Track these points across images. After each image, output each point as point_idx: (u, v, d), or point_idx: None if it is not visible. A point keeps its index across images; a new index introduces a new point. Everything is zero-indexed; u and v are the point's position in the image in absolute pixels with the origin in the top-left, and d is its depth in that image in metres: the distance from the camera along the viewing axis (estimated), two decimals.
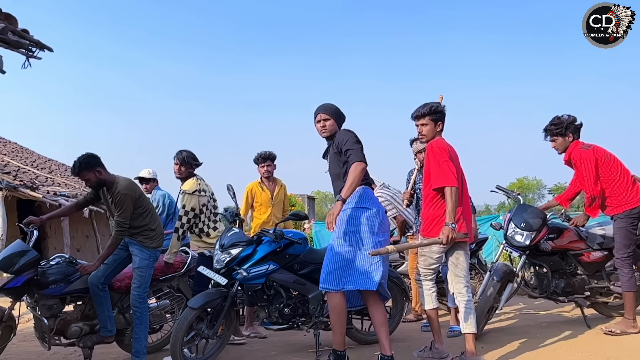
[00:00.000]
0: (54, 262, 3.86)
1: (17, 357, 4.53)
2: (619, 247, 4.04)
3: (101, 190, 3.89)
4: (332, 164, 3.51)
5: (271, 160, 5.26)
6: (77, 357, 4.52)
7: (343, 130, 3.49)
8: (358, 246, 3.32)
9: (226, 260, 3.76)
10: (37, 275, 3.69)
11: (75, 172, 3.78)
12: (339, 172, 3.45)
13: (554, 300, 4.41)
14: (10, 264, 3.58)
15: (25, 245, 3.72)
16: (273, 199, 5.26)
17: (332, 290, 3.33)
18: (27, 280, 3.62)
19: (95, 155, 3.78)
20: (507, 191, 4.76)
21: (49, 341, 3.78)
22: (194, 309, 3.65)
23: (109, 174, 3.84)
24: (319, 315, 3.88)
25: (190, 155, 4.56)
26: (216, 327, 3.80)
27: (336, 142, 3.43)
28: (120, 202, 3.72)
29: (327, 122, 3.50)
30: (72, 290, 3.85)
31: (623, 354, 3.54)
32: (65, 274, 3.80)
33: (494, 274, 4.15)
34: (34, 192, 8.11)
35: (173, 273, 4.40)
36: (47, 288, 3.73)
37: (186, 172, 4.53)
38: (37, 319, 3.81)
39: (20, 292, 3.68)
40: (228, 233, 3.93)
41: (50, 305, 3.78)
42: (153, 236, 3.92)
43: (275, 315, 3.86)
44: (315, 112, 3.56)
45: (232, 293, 3.78)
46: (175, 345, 3.60)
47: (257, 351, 4.29)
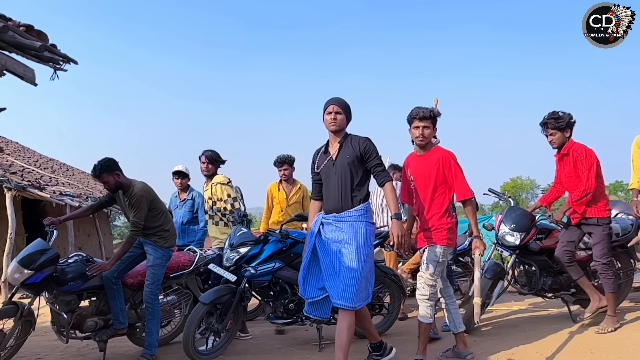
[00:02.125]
0: (72, 260, 4.09)
1: (31, 350, 4.73)
2: (604, 252, 4.14)
3: (117, 193, 4.13)
4: (343, 168, 3.28)
5: (288, 164, 5.62)
6: (90, 350, 4.75)
7: (366, 138, 3.35)
8: (368, 262, 3.22)
9: (235, 259, 4.01)
10: (56, 272, 3.92)
11: (96, 175, 3.99)
12: (352, 179, 3.27)
13: (541, 297, 4.67)
14: (31, 261, 3.80)
15: (45, 243, 3.95)
16: (288, 200, 5.61)
17: (353, 309, 3.17)
18: (46, 276, 3.84)
19: (114, 160, 4.03)
20: (499, 194, 5.01)
21: (67, 335, 4.00)
22: (205, 304, 3.88)
23: (126, 177, 4.08)
24: None
25: (216, 154, 5.06)
26: (225, 321, 4.05)
27: (358, 146, 3.29)
28: (137, 203, 3.97)
29: (338, 116, 3.33)
30: (89, 287, 4.06)
31: (605, 347, 3.79)
32: (82, 271, 4.01)
33: (486, 272, 4.40)
34: (42, 192, 8.31)
35: (182, 271, 4.63)
36: (66, 285, 3.95)
37: (213, 169, 5.03)
38: (55, 313, 4.03)
39: (39, 288, 3.90)
40: (237, 233, 4.17)
41: (68, 301, 3.99)
42: (167, 236, 4.16)
43: (281, 310, 4.11)
44: (328, 102, 3.39)
45: (240, 289, 4.03)
46: (187, 337, 3.83)
47: (263, 345, 4.53)
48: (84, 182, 13.38)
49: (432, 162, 3.48)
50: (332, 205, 3.31)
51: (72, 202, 9.13)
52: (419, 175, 3.53)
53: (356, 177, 3.28)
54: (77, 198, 9.74)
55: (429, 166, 3.48)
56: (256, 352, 4.31)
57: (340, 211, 3.26)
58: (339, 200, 3.28)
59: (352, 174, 3.27)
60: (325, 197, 3.40)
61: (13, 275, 3.78)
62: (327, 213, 3.35)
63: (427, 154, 3.54)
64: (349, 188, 3.26)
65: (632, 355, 3.56)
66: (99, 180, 4.04)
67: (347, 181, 3.26)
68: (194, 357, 3.90)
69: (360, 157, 3.27)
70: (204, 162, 5.02)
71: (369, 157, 3.28)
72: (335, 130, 3.35)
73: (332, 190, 3.31)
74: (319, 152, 3.51)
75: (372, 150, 3.30)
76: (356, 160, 3.27)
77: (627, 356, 3.55)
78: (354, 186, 3.28)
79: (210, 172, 5.02)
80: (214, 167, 5.04)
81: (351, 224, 3.22)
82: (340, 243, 3.22)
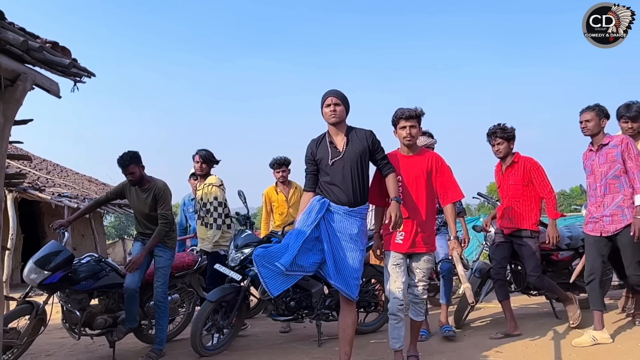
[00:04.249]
0: (85, 260, 4.28)
1: (39, 348, 4.88)
2: (537, 264, 4.28)
3: (129, 189, 4.28)
4: (353, 161, 3.28)
5: (285, 166, 5.59)
6: (97, 347, 4.93)
7: (370, 130, 3.39)
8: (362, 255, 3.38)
9: (240, 259, 4.24)
10: (70, 272, 4.12)
11: (124, 164, 4.10)
12: (363, 173, 3.33)
13: (527, 295, 4.95)
14: (47, 261, 3.98)
15: (59, 245, 4.13)
16: (288, 201, 5.64)
17: (355, 300, 3.36)
18: (62, 276, 4.04)
19: (139, 153, 4.22)
20: (487, 197, 5.29)
21: (79, 332, 4.19)
22: (211, 301, 4.11)
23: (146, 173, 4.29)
24: (321, 308, 4.36)
25: (210, 153, 5.06)
26: (230, 318, 4.28)
27: (366, 139, 3.33)
28: (164, 197, 4.19)
29: (338, 108, 3.30)
30: (100, 286, 4.25)
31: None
32: (94, 271, 4.20)
33: (475, 271, 4.68)
34: (41, 193, 8.45)
35: (187, 270, 4.85)
36: (79, 284, 4.15)
37: (207, 169, 5.03)
38: (68, 311, 4.21)
39: (55, 288, 4.09)
40: (241, 235, 4.41)
41: (80, 300, 4.18)
42: (174, 237, 4.39)
43: (282, 307, 4.33)
44: (327, 94, 3.35)
45: (244, 288, 4.26)
46: (195, 334, 4.06)
47: (265, 340, 4.77)
48: (78, 183, 13.47)
49: (423, 163, 3.47)
50: (344, 199, 3.27)
51: (71, 204, 9.26)
52: (411, 176, 3.45)
53: (366, 170, 3.34)
54: (75, 199, 9.88)
55: (420, 166, 3.46)
56: (258, 347, 4.54)
57: (352, 205, 3.27)
58: (352, 194, 3.27)
59: (362, 167, 3.30)
60: (332, 189, 3.30)
61: (30, 276, 3.94)
62: (337, 204, 3.29)
63: (416, 155, 3.52)
64: (362, 182, 3.30)
65: (610, 347, 3.83)
66: (126, 170, 4.14)
67: (359, 175, 3.29)
68: (201, 352, 4.13)
69: (369, 149, 3.31)
70: (197, 161, 5.00)
71: (377, 149, 3.34)
72: (335, 123, 3.33)
73: (344, 183, 3.27)
74: (317, 143, 3.42)
75: (379, 142, 3.37)
76: (365, 153, 3.30)
77: (606, 348, 3.83)
78: (365, 180, 3.35)
79: (204, 171, 5.02)
80: (208, 167, 5.03)
81: (362, 222, 3.31)
82: (349, 236, 3.26)
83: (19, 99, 2.72)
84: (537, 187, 4.29)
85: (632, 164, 3.74)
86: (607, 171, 3.85)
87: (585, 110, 3.97)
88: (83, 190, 12.22)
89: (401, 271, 3.41)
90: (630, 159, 3.75)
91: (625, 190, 3.79)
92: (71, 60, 2.95)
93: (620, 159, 3.78)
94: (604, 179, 3.87)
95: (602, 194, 3.88)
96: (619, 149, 3.79)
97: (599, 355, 3.67)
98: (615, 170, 3.81)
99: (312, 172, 3.43)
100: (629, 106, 4.20)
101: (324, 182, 3.36)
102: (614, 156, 3.81)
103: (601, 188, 3.89)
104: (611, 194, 3.84)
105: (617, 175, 3.82)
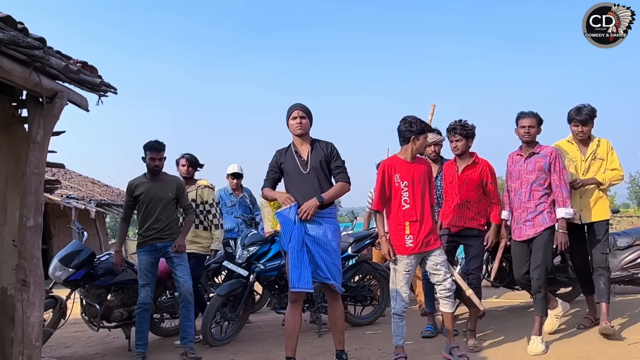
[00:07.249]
0: (104, 258, 4.65)
1: (57, 340, 5.23)
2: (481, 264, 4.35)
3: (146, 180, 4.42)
4: (316, 169, 3.59)
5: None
6: (112, 339, 5.29)
7: (331, 142, 3.70)
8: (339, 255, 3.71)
9: (247, 256, 4.61)
10: (92, 269, 4.48)
11: (160, 148, 4.36)
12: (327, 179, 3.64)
13: (511, 289, 5.32)
14: (71, 259, 4.35)
15: (80, 244, 4.51)
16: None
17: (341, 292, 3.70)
18: (85, 273, 4.40)
19: None
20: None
21: (98, 324, 4.55)
22: (221, 295, 4.48)
23: None
24: (321, 302, 4.74)
25: (195, 157, 5.28)
26: (237, 311, 4.66)
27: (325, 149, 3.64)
28: (183, 189, 4.57)
29: (303, 120, 3.59)
30: (117, 282, 4.63)
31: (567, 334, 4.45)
32: (112, 268, 4.55)
33: (464, 267, 5.04)
34: (51, 195, 8.77)
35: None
36: (98, 280, 4.51)
37: (193, 172, 5.25)
38: (88, 305, 4.57)
39: (77, 284, 4.46)
40: (248, 234, 4.78)
41: (98, 294, 4.56)
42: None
43: (285, 301, 4.69)
44: (292, 108, 3.64)
45: (250, 283, 4.64)
46: (205, 325, 4.44)
47: (268, 332, 5.15)
48: (82, 185, 13.78)
49: (422, 169, 3.72)
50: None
51: (79, 205, 9.59)
52: (416, 180, 3.65)
53: (329, 175, 3.66)
54: (82, 201, 10.20)
55: (421, 172, 3.69)
56: (263, 338, 4.92)
57: (322, 208, 3.53)
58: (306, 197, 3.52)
59: (325, 174, 3.62)
60: (299, 194, 3.55)
61: (55, 273, 4.30)
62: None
63: (416, 162, 3.74)
64: (326, 188, 3.59)
65: (596, 338, 4.18)
66: (158, 155, 4.35)
67: (323, 181, 3.60)
68: (211, 342, 4.50)
69: (327, 159, 3.62)
70: (184, 164, 5.14)
71: (333, 157, 3.63)
72: (300, 134, 3.62)
73: (309, 188, 3.55)
74: (283, 152, 3.70)
75: (337, 152, 3.67)
76: (324, 161, 3.61)
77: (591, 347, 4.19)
78: (330, 184, 3.65)
79: (190, 174, 5.17)
80: (194, 170, 5.21)
81: (333, 221, 3.63)
82: (325, 238, 3.54)
83: (56, 114, 3.09)
84: (488, 191, 4.30)
85: (557, 176, 3.88)
86: (534, 179, 3.95)
87: (526, 115, 4.00)
88: (88, 192, 12.54)
89: (410, 276, 3.69)
90: (555, 172, 3.89)
91: (547, 198, 3.95)
92: (102, 80, 3.33)
93: (547, 169, 3.91)
94: (529, 186, 3.97)
95: (527, 200, 3.98)
96: (548, 160, 3.91)
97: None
98: (541, 179, 3.93)
99: (272, 178, 3.74)
100: (579, 110, 4.10)
101: (292, 189, 3.64)
102: (542, 165, 3.92)
103: (526, 194, 3.98)
104: (534, 200, 3.95)
105: (541, 184, 3.93)
